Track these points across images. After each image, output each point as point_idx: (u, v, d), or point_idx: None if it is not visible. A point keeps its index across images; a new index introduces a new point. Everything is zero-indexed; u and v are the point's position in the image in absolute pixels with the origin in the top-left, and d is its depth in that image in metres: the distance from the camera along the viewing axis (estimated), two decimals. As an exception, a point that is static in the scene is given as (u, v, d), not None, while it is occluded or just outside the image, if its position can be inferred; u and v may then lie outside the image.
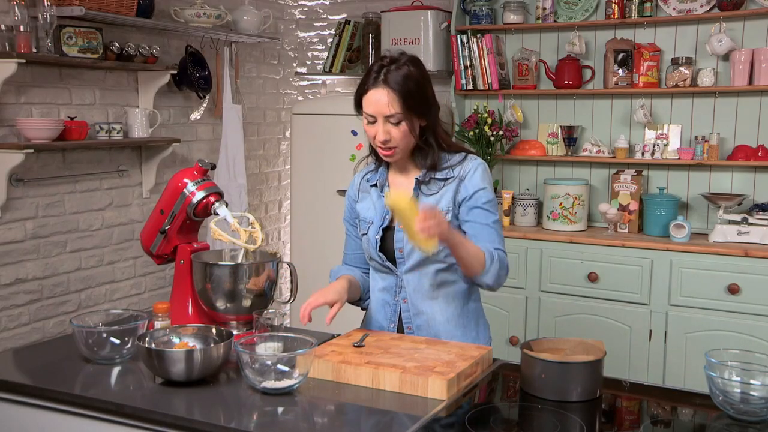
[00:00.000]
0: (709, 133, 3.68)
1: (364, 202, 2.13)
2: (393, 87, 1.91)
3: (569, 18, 3.91)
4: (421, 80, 1.96)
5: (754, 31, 3.60)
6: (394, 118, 1.92)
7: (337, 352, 1.85)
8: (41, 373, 1.84)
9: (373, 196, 2.10)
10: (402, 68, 1.93)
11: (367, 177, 2.14)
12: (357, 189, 2.17)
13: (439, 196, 2.02)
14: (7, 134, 3.07)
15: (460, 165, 2.03)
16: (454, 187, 2.01)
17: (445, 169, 2.02)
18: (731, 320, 3.28)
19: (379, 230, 2.05)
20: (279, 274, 2.17)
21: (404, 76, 1.92)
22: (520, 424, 1.66)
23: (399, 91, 1.91)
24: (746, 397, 1.59)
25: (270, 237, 4.79)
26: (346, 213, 2.21)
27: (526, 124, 4.14)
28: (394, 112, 1.91)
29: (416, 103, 1.94)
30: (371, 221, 2.08)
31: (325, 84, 4.83)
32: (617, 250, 3.51)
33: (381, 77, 1.92)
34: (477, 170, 2.02)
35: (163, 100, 3.82)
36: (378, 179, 2.09)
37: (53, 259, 3.31)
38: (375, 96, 1.93)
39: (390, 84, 1.91)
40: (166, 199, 2.13)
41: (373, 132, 1.96)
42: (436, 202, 2.01)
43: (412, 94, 1.92)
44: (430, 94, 1.99)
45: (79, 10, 3.05)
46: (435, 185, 2.03)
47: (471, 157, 2.06)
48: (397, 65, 1.94)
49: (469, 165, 2.03)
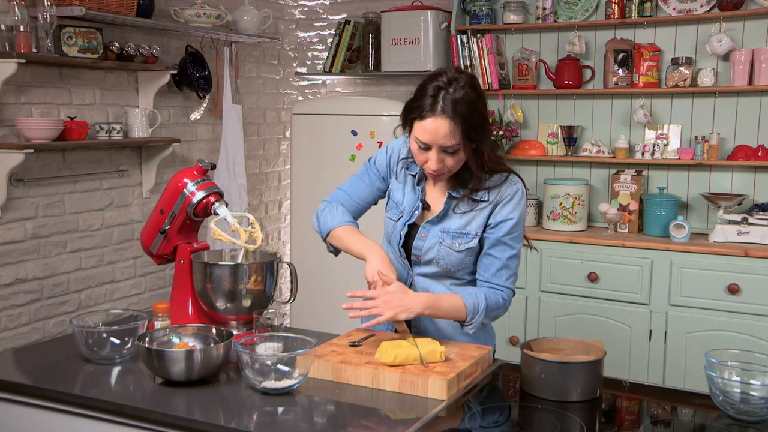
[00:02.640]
0: (709, 133, 3.68)
1: (400, 185, 2.05)
2: (453, 117, 1.77)
3: (569, 18, 3.91)
4: (480, 105, 1.83)
5: (754, 31, 3.60)
6: (451, 148, 1.82)
7: (337, 352, 1.84)
8: (41, 373, 1.84)
9: (408, 184, 2.04)
10: (460, 92, 1.79)
11: (409, 162, 2.04)
12: (399, 161, 2.05)
13: (470, 217, 1.96)
14: (7, 134, 3.07)
15: (497, 189, 1.94)
16: (488, 212, 1.95)
17: (482, 190, 1.94)
18: (731, 320, 3.28)
19: (405, 225, 2.01)
20: (279, 274, 2.16)
21: (465, 102, 1.79)
22: (520, 424, 1.66)
23: (460, 121, 1.78)
24: (746, 397, 1.59)
25: (270, 237, 4.79)
26: (378, 159, 2.09)
27: (526, 124, 4.14)
28: (453, 143, 1.80)
29: (475, 131, 1.82)
30: (402, 211, 2.02)
31: (325, 84, 4.83)
32: (617, 250, 3.51)
33: (440, 104, 1.78)
34: (512, 199, 1.94)
35: (163, 100, 3.82)
36: (418, 172, 2.01)
37: (53, 259, 3.31)
38: (434, 125, 1.79)
39: (450, 113, 1.77)
40: (166, 199, 2.13)
41: (425, 158, 1.85)
42: (466, 223, 1.96)
43: (472, 123, 1.80)
44: (486, 117, 1.86)
45: (79, 10, 3.05)
46: (467, 204, 1.95)
47: (510, 180, 1.96)
48: (455, 87, 1.80)
49: (507, 192, 1.94)
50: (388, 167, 2.09)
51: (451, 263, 1.97)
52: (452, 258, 1.97)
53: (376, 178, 2.11)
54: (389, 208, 2.07)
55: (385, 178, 2.10)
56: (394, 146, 2.08)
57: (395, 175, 2.07)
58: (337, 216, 2.08)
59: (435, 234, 1.97)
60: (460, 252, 1.96)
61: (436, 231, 1.97)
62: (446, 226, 1.97)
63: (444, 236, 1.96)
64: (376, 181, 2.11)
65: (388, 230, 2.06)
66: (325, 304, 4.11)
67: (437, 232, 1.97)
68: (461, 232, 1.96)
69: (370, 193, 2.12)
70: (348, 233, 2.03)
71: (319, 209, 2.14)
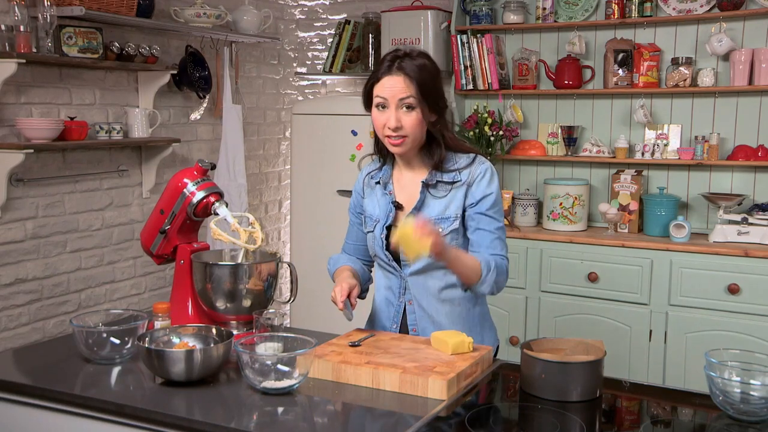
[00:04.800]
0: (709, 133, 3.68)
1: (369, 199, 2.12)
2: (409, 74, 1.91)
3: (569, 18, 3.91)
4: (435, 73, 1.96)
5: (754, 31, 3.60)
6: (407, 101, 1.91)
7: (337, 352, 1.85)
8: (41, 373, 1.84)
9: (377, 194, 2.09)
10: (417, 59, 1.94)
11: (371, 174, 2.13)
12: (362, 184, 2.16)
13: (447, 200, 2.00)
14: (7, 134, 3.07)
15: (468, 169, 2.01)
16: (463, 192, 2.00)
17: (452, 171, 2.00)
18: (731, 320, 3.28)
19: (383, 228, 2.04)
20: (279, 274, 2.16)
21: (420, 65, 1.93)
22: (520, 424, 1.66)
23: (415, 78, 1.91)
24: (746, 397, 1.59)
25: (270, 237, 4.79)
26: (351, 203, 2.21)
27: (526, 124, 4.14)
28: (409, 95, 1.91)
29: (430, 93, 1.93)
30: (377, 219, 2.07)
31: (325, 84, 4.83)
32: (617, 250, 3.51)
33: (396, 65, 1.93)
34: (485, 175, 2.01)
35: (163, 100, 3.82)
36: (382, 176, 2.08)
37: (53, 259, 3.31)
38: (390, 82, 1.92)
39: (406, 71, 1.91)
40: (166, 199, 2.13)
41: (384, 119, 1.94)
42: (445, 207, 2.00)
43: (427, 84, 1.92)
44: (442, 89, 1.99)
45: (79, 10, 3.05)
46: (442, 189, 2.01)
47: (479, 160, 2.03)
48: (411, 56, 1.94)
49: (478, 170, 2.01)
50: (358, 201, 2.17)
51: None
52: None
53: (356, 218, 2.19)
54: (365, 224, 2.12)
55: (360, 212, 2.16)
56: (357, 180, 2.19)
57: (363, 196, 2.15)
58: (336, 262, 2.22)
59: None
60: (445, 236, 1.98)
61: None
62: (426, 214, 2.00)
63: None
64: (357, 220, 2.19)
65: (371, 243, 2.10)
66: (325, 304, 4.06)
67: None
68: (442, 217, 2.00)
69: (359, 232, 2.19)
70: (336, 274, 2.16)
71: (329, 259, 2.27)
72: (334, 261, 2.23)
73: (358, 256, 2.22)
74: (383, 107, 1.94)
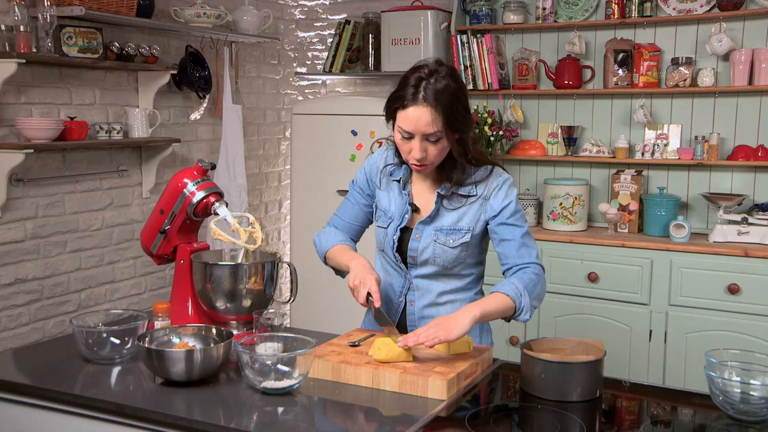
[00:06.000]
0: (709, 133, 3.68)
1: (385, 192, 2.08)
2: (435, 105, 1.81)
3: (569, 18, 3.91)
4: (461, 95, 1.87)
5: (754, 31, 3.60)
6: (433, 136, 1.85)
7: (337, 352, 1.85)
8: (41, 373, 1.84)
9: (394, 190, 2.06)
10: (442, 82, 1.83)
11: (390, 170, 2.07)
12: (379, 173, 2.09)
13: (460, 213, 1.98)
14: (7, 134, 3.07)
15: (485, 183, 1.98)
16: (478, 206, 1.98)
17: (469, 185, 1.97)
18: (731, 320, 3.28)
19: (397, 230, 2.02)
20: (279, 274, 2.16)
21: (447, 92, 1.83)
22: (520, 424, 1.66)
23: (442, 110, 1.82)
24: (746, 397, 1.59)
25: (270, 237, 4.79)
26: (358, 178, 2.14)
27: (526, 124, 4.14)
28: (435, 131, 1.83)
29: (457, 120, 1.85)
30: (392, 217, 2.04)
31: (325, 84, 4.84)
32: (617, 250, 3.51)
33: (421, 93, 1.82)
34: (501, 187, 1.97)
35: (163, 100, 3.82)
36: (402, 176, 2.05)
37: (53, 259, 3.31)
38: (415, 113, 1.83)
39: (431, 101, 1.81)
40: (166, 199, 2.13)
41: (408, 148, 1.88)
42: (458, 219, 1.98)
43: (454, 112, 1.84)
44: (468, 109, 1.91)
45: (79, 10, 3.05)
46: (457, 201, 1.98)
47: (496, 172, 1.99)
48: (436, 78, 1.84)
49: (494, 183, 1.98)
50: (369, 182, 2.13)
51: (447, 260, 1.99)
52: (448, 255, 1.98)
53: (360, 197, 2.14)
54: (378, 218, 2.10)
55: (369, 194, 2.13)
56: (371, 161, 2.13)
57: (379, 186, 2.10)
58: (330, 238, 2.14)
59: (429, 233, 1.99)
60: (455, 248, 1.98)
61: (429, 230, 1.99)
62: (439, 224, 1.99)
63: (438, 234, 1.98)
64: (361, 199, 2.15)
65: (380, 239, 2.08)
66: (325, 304, 4.11)
67: (431, 231, 1.99)
68: (454, 228, 1.98)
69: (359, 211, 2.15)
70: (338, 252, 2.09)
71: (317, 235, 2.20)
72: (326, 238, 2.14)
73: (352, 235, 2.17)
74: (407, 138, 1.88)
